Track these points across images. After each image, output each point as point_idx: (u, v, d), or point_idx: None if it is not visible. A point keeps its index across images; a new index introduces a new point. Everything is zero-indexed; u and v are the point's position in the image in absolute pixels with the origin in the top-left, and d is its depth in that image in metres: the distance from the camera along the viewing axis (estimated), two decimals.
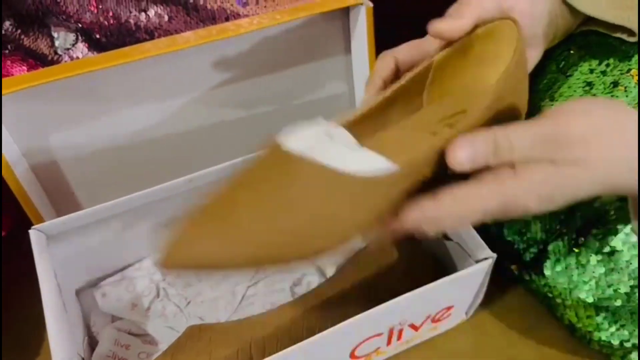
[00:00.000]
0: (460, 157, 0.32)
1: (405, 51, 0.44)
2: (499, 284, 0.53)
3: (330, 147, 0.34)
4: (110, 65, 0.48)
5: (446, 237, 0.53)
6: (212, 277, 0.56)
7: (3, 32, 0.59)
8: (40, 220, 0.54)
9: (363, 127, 0.41)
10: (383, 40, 0.55)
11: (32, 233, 0.48)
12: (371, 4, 0.52)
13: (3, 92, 0.47)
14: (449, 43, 0.42)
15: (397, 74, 0.44)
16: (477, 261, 0.47)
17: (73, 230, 0.50)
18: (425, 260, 0.53)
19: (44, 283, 0.45)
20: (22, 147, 0.52)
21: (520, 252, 0.50)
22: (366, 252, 0.52)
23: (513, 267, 0.51)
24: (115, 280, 0.56)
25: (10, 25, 0.59)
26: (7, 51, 0.58)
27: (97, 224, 0.51)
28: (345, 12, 0.55)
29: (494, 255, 0.46)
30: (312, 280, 0.56)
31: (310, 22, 0.54)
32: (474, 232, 0.48)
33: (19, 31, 0.58)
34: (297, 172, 0.32)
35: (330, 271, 0.56)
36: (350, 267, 0.53)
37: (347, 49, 0.58)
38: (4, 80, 0.48)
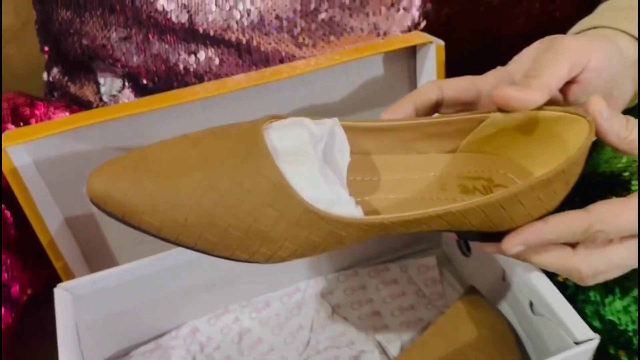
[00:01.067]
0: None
1: (455, 85, 0.40)
2: None
3: (303, 159, 0.33)
4: (155, 108, 0.44)
5: (533, 310, 0.44)
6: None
7: (52, 79, 0.57)
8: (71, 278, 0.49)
9: (375, 137, 0.39)
10: None
11: (57, 292, 0.43)
12: (442, 42, 0.47)
13: (37, 135, 0.43)
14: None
15: (435, 107, 0.40)
16: (577, 343, 0.38)
17: (104, 290, 0.45)
18: (512, 335, 0.45)
19: (64, 350, 0.39)
20: (57, 197, 0.48)
21: (628, 335, 0.41)
22: (447, 323, 0.44)
23: (620, 353, 0.42)
24: (147, 350, 0.50)
25: (58, 72, 0.56)
26: (53, 98, 0.55)
27: (130, 285, 0.46)
28: (412, 52, 0.49)
29: (597, 336, 0.38)
30: (371, 358, 0.48)
31: (372, 64, 0.49)
32: (571, 308, 0.40)
33: (66, 78, 0.56)
34: (255, 164, 0.32)
35: (393, 348, 0.48)
36: (429, 339, 0.44)
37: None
38: (40, 124, 0.45)
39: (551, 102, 0.39)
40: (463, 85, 0.39)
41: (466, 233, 0.39)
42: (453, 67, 0.49)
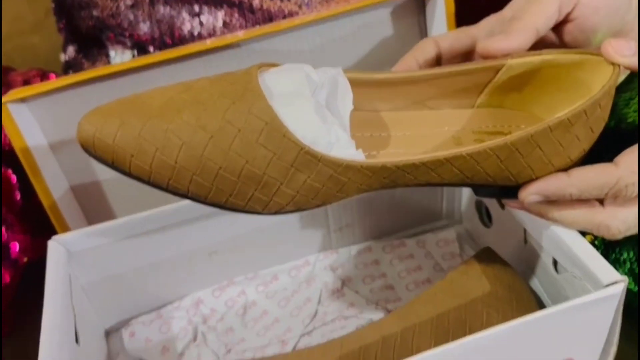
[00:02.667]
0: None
1: (451, 38, 0.39)
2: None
3: (298, 100, 0.31)
4: (156, 60, 0.44)
5: (557, 269, 0.40)
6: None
7: (68, 58, 0.58)
8: None
9: (384, 93, 0.37)
10: None
11: (52, 245, 0.42)
12: None
13: (37, 90, 0.43)
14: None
15: (436, 63, 0.39)
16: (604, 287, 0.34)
17: (100, 247, 0.43)
18: (530, 296, 0.40)
19: (52, 306, 0.37)
20: (60, 158, 0.47)
21: None
22: (457, 278, 0.40)
23: None
24: (148, 320, 0.48)
25: (74, 50, 0.57)
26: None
27: (129, 243, 0.44)
28: (421, 5, 0.47)
29: (624, 278, 0.33)
30: None
31: (379, 18, 0.47)
32: (597, 253, 0.35)
33: (80, 55, 0.57)
34: (246, 103, 0.30)
35: None
36: (436, 291, 0.40)
37: None
38: (43, 83, 0.45)
39: (544, 45, 0.36)
40: (457, 36, 0.39)
41: (484, 188, 0.35)
42: (467, 22, 0.47)
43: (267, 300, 0.49)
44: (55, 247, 0.42)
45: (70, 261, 0.42)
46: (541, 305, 0.41)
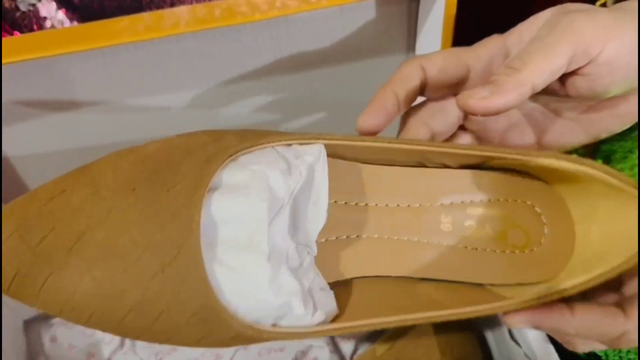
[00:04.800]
0: None
1: (441, 64, 0.30)
2: None
3: (249, 261, 0.23)
4: (74, 50, 0.34)
5: (512, 336, 0.38)
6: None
7: None
8: None
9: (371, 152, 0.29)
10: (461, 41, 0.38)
11: None
12: None
13: None
14: None
15: (420, 92, 0.31)
16: None
17: None
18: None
19: None
20: None
21: None
22: (404, 341, 0.38)
23: None
24: None
25: None
26: None
27: None
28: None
29: None
30: (320, 355, 0.42)
31: (362, 7, 0.38)
32: (546, 338, 0.33)
33: None
34: (180, 274, 0.23)
35: (347, 346, 0.42)
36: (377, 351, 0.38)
37: (410, 47, 0.41)
38: None
39: (543, 91, 0.29)
40: (448, 62, 0.30)
41: None
42: (465, 23, 0.38)
43: None
44: None
45: None
46: None
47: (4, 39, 0.38)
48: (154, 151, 0.25)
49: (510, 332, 0.37)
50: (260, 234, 0.24)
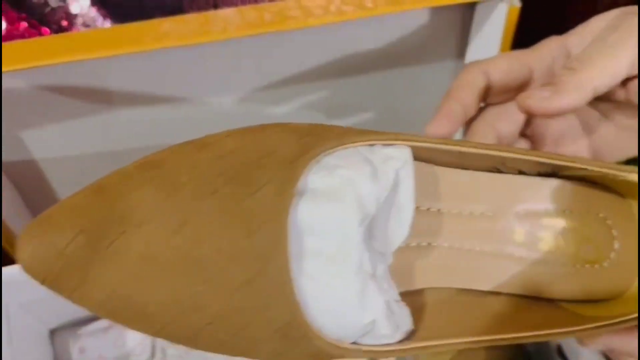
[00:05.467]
0: None
1: (504, 69, 0.29)
2: None
3: (339, 274, 0.22)
4: (113, 54, 0.32)
5: (561, 353, 0.37)
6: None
7: None
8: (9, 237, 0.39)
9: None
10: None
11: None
12: (519, 3, 0.33)
13: None
14: None
15: (483, 98, 0.30)
16: None
17: None
18: None
19: None
20: None
21: None
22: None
23: None
24: (100, 328, 0.42)
25: None
26: None
27: None
28: (468, 5, 0.36)
29: None
30: None
31: (414, 14, 0.36)
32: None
33: None
34: (267, 290, 0.21)
35: None
36: None
37: (460, 54, 0.40)
38: None
39: (603, 97, 0.27)
40: (511, 66, 0.29)
41: None
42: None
43: None
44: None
45: (6, 289, 0.35)
46: None
47: (42, 39, 0.36)
48: (231, 148, 0.23)
49: (559, 348, 0.36)
50: (350, 246, 0.22)
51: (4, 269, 0.35)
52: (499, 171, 0.29)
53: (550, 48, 0.30)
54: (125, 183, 0.22)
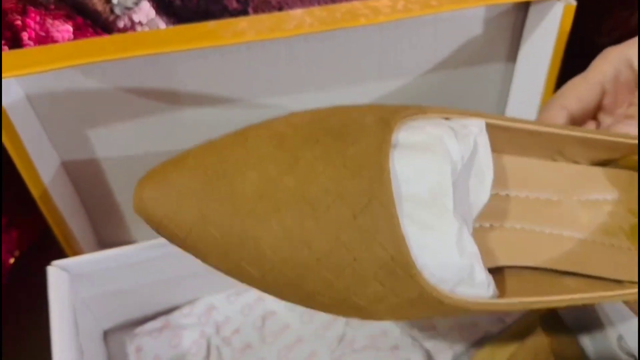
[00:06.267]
0: None
1: (579, 97, 0.32)
2: None
3: (439, 220, 0.23)
4: (183, 48, 0.33)
5: (621, 346, 0.37)
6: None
7: None
8: (71, 240, 0.40)
9: (519, 138, 0.28)
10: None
11: (52, 271, 0.34)
12: (574, 2, 0.35)
13: (33, 69, 0.32)
14: None
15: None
16: None
17: (105, 270, 0.36)
18: None
19: (58, 334, 0.32)
20: (57, 144, 0.38)
21: None
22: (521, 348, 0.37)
23: None
24: (155, 328, 0.42)
25: None
26: (51, 6, 0.44)
27: (136, 266, 0.37)
28: (523, 7, 0.38)
29: None
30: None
31: (466, 16, 0.38)
32: None
33: None
34: (372, 223, 0.22)
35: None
36: None
37: (511, 57, 0.41)
38: (36, 49, 0.34)
39: None
40: (583, 93, 0.32)
41: None
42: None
43: (288, 312, 0.44)
44: (56, 273, 0.34)
45: (72, 282, 0.35)
46: None
47: (112, 37, 0.37)
48: (327, 113, 0.25)
49: (619, 341, 0.37)
50: (444, 191, 0.23)
51: (71, 260, 0.35)
52: (556, 160, 0.30)
53: (610, 61, 0.32)
54: (239, 137, 0.24)
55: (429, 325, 0.43)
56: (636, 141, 0.28)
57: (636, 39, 0.32)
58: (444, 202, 0.23)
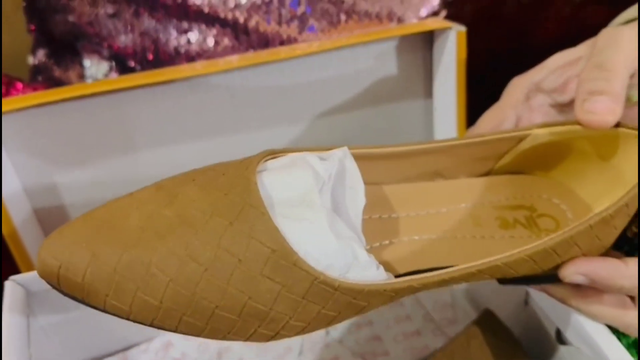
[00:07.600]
0: None
1: (493, 128, 0.38)
2: None
3: (308, 212, 0.26)
4: (137, 84, 0.40)
5: (560, 339, 0.38)
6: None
7: (37, 62, 0.53)
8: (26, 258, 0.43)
9: (393, 164, 0.33)
10: (475, 82, 0.44)
11: (9, 285, 0.37)
12: (463, 28, 0.41)
13: (5, 108, 0.39)
14: None
15: None
16: None
17: None
18: None
19: (9, 353, 0.33)
20: (24, 180, 0.43)
21: None
22: (458, 351, 0.37)
23: None
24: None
25: (44, 54, 0.52)
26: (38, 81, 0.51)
27: None
28: (429, 40, 0.44)
29: None
30: None
31: (384, 52, 0.44)
32: (608, 331, 0.33)
33: (51, 60, 0.51)
34: (247, 224, 0.25)
35: None
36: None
37: (428, 93, 0.47)
38: (9, 98, 0.40)
39: None
40: (502, 121, 0.37)
41: (508, 280, 0.32)
42: (476, 61, 0.44)
43: (243, 347, 0.45)
44: (13, 287, 0.37)
45: (29, 302, 0.38)
46: None
47: (76, 85, 0.44)
48: (204, 167, 0.29)
49: (558, 332, 0.37)
50: (310, 191, 0.26)
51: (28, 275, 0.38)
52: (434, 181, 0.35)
53: (520, 88, 0.37)
54: (124, 196, 0.28)
55: (380, 350, 0.44)
56: (510, 133, 0.33)
57: (541, 65, 0.37)
58: (311, 198, 0.26)
